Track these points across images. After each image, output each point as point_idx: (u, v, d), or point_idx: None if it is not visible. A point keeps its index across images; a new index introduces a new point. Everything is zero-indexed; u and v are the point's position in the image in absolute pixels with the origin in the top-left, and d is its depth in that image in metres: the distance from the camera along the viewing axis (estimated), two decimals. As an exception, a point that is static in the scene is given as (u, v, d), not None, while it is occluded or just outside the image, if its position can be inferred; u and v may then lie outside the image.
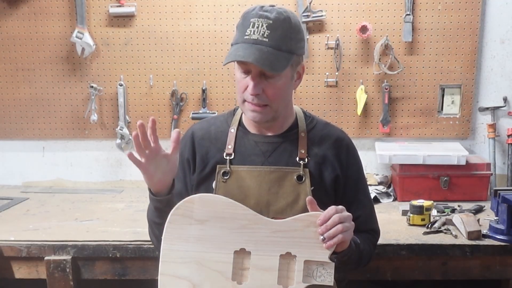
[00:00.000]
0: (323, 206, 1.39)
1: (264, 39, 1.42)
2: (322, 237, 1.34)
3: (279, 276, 1.37)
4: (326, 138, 1.60)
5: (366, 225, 1.62)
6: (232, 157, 1.57)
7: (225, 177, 1.55)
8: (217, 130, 1.62)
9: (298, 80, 1.58)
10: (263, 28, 1.43)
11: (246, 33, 1.44)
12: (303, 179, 1.54)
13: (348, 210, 1.40)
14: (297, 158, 1.55)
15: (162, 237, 1.41)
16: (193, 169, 1.60)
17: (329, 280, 1.37)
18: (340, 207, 1.38)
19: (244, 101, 1.50)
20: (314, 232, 1.36)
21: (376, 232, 1.68)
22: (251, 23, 1.44)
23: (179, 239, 1.39)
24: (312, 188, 1.54)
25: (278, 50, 1.43)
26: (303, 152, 1.56)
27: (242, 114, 1.62)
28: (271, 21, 1.43)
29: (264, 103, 1.48)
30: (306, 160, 1.55)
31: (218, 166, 1.56)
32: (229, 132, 1.60)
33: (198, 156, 1.60)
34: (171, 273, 1.40)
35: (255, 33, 1.43)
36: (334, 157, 1.58)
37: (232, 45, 1.49)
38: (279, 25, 1.44)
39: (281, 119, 1.58)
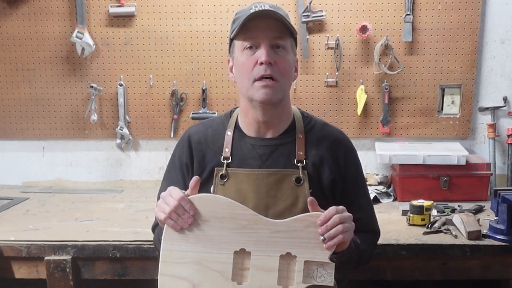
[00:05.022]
0: (322, 208, 1.38)
1: (271, 9, 1.46)
2: (322, 237, 1.34)
3: (279, 276, 1.37)
4: (324, 139, 1.58)
5: (366, 226, 1.61)
6: (230, 160, 1.55)
7: (223, 180, 1.54)
8: (214, 133, 1.61)
9: (296, 73, 1.58)
10: (266, 7, 1.47)
11: (251, 11, 1.45)
12: (302, 181, 1.52)
13: None
14: (295, 160, 1.54)
15: (162, 237, 1.41)
16: (191, 173, 1.58)
17: (329, 280, 1.37)
18: (341, 207, 1.37)
19: (254, 81, 1.47)
20: (314, 233, 1.35)
21: (376, 233, 1.68)
22: (252, 6, 1.47)
23: (179, 239, 1.39)
24: (311, 190, 1.52)
25: (285, 21, 1.47)
26: (301, 154, 1.54)
27: (238, 116, 1.61)
28: (270, 4, 1.49)
29: (275, 76, 1.46)
30: (304, 162, 1.53)
31: (216, 168, 1.55)
32: (226, 135, 1.58)
33: (196, 160, 1.58)
34: (171, 273, 1.39)
35: (261, 9, 1.46)
36: (332, 158, 1.56)
37: (233, 31, 1.49)
38: (279, 8, 1.50)
39: (280, 113, 1.56)
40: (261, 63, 1.45)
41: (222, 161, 1.55)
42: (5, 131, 2.92)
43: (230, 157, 1.55)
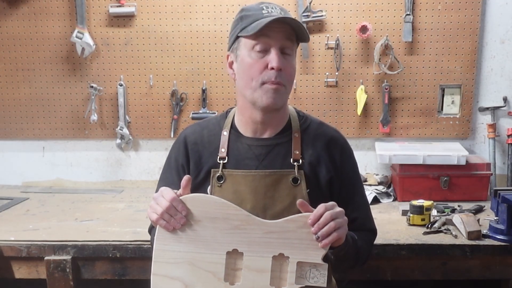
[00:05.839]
0: None
1: (284, 14, 1.45)
2: (316, 236, 1.32)
3: (271, 277, 1.36)
4: (319, 138, 1.57)
5: (363, 226, 1.60)
6: (226, 161, 1.54)
7: (220, 181, 1.53)
8: (210, 133, 1.60)
9: None
10: (278, 10, 1.47)
11: (264, 12, 1.44)
12: (299, 181, 1.51)
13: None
14: (291, 160, 1.53)
15: (155, 237, 1.40)
16: (188, 174, 1.58)
17: (322, 281, 1.36)
18: (331, 203, 1.35)
19: (262, 84, 1.45)
20: (307, 233, 1.34)
21: (373, 232, 1.67)
22: (263, 7, 1.46)
23: (171, 239, 1.39)
24: (308, 190, 1.51)
25: (303, 27, 1.46)
26: (297, 153, 1.54)
27: (234, 116, 1.60)
28: (280, 7, 1.48)
29: (283, 82, 1.45)
30: (300, 161, 1.53)
31: (212, 170, 1.54)
32: (222, 135, 1.57)
33: (192, 161, 1.58)
34: (164, 274, 1.39)
35: (273, 12, 1.45)
36: (328, 157, 1.55)
37: (242, 29, 1.45)
38: (287, 11, 1.50)
39: (279, 115, 1.55)
40: (272, 68, 1.43)
41: (218, 161, 1.54)
42: (5, 131, 2.92)
43: (226, 158, 1.55)
